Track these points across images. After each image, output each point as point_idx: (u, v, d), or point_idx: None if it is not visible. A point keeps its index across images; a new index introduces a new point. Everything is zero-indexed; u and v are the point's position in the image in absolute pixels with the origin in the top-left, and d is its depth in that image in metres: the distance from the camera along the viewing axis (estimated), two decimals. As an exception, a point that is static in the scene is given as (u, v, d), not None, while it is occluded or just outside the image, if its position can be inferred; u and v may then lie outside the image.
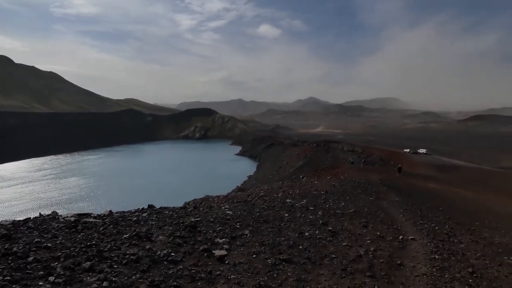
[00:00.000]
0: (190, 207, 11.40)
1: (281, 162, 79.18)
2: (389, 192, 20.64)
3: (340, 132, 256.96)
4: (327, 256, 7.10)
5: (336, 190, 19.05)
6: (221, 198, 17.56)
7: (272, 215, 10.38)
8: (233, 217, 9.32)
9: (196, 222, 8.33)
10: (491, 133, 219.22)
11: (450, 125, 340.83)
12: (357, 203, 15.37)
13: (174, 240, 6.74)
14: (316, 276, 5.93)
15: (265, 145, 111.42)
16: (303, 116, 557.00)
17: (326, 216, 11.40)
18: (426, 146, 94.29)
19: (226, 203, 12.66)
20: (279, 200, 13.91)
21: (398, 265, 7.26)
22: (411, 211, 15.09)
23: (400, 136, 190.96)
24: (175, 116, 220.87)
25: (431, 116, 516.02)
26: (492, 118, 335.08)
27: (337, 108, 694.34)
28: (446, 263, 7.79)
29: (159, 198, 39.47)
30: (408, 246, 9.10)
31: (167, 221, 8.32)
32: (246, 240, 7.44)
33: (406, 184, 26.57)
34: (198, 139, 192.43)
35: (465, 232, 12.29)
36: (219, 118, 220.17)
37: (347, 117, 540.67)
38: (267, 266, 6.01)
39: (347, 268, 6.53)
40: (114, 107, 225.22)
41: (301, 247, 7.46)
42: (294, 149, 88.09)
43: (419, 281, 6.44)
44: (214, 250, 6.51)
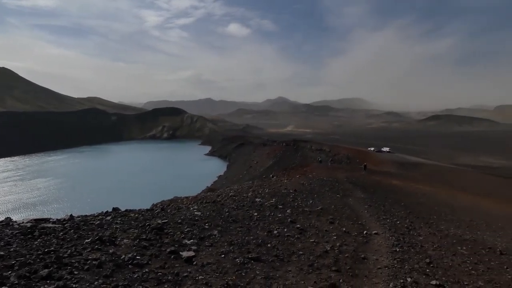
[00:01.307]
0: (157, 209, 11.11)
1: (251, 161, 79.52)
2: (355, 189, 21.43)
3: (309, 131, 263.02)
4: (295, 253, 7.23)
5: (305, 189, 19.46)
6: (190, 199, 17.29)
7: (242, 214, 10.40)
8: (201, 217, 9.21)
9: (163, 224, 8.14)
10: (447, 132, 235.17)
11: (410, 124, 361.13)
12: (324, 200, 15.80)
13: (139, 243, 6.53)
14: (284, 273, 6.02)
15: (235, 145, 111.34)
16: (273, 116, 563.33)
17: (294, 214, 11.61)
18: (389, 144, 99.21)
19: (195, 204, 12.48)
20: (249, 199, 13.96)
21: (362, 259, 7.57)
22: (375, 207, 15.79)
23: (365, 135, 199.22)
24: (141, 115, 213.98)
25: (393, 116, 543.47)
26: (448, 118, 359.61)
27: (305, 108, 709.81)
28: (406, 255, 8.24)
29: (125, 200, 38.08)
30: (372, 240, 9.51)
31: (132, 224, 8.04)
32: (214, 240, 7.39)
33: (371, 181, 27.71)
34: (166, 139, 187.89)
35: (423, 225, 13.06)
36: (188, 117, 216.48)
37: (315, 116, 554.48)
38: (236, 265, 6.01)
39: (314, 263, 6.70)
40: (76, 106, 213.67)
41: (270, 245, 7.55)
42: (264, 148, 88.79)
43: (381, 273, 6.75)
44: (182, 251, 6.39)
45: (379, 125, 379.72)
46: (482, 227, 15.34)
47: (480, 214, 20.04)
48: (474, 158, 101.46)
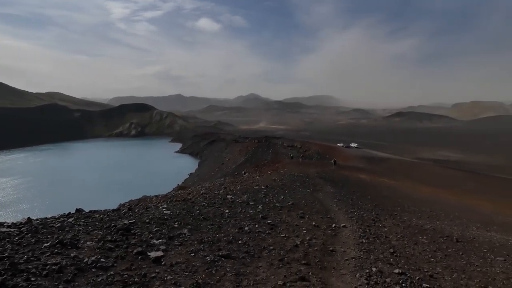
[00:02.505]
0: (124, 209, 10.71)
1: (223, 158, 79.10)
2: (325, 184, 21.99)
3: (281, 128, 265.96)
4: (265, 249, 7.28)
5: (276, 184, 19.67)
6: (160, 198, 16.86)
7: (212, 212, 10.30)
8: (171, 216, 9.00)
9: (130, 224, 7.86)
10: (410, 128, 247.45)
11: (376, 121, 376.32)
12: (295, 196, 16.06)
13: (104, 245, 6.25)
14: (254, 268, 6.04)
15: (207, 142, 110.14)
16: (245, 113, 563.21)
17: (266, 210, 11.69)
18: (357, 140, 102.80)
19: (164, 203, 12.18)
20: (220, 196, 13.86)
21: (330, 251, 7.77)
22: (344, 201, 16.30)
23: (334, 132, 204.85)
24: (107, 112, 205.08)
25: (360, 113, 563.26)
26: (410, 115, 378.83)
27: (277, 104, 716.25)
28: (372, 246, 8.58)
29: (91, 201, 36.42)
30: (340, 233, 9.80)
31: (96, 225, 7.69)
32: (184, 239, 7.25)
33: (340, 176, 28.55)
34: (134, 136, 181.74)
35: (388, 217, 13.67)
36: (157, 114, 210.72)
37: (286, 113, 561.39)
38: (206, 263, 5.93)
39: (284, 258, 6.78)
40: (34, 102, 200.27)
41: (241, 241, 7.53)
42: (236, 145, 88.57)
43: (349, 264, 6.98)
44: (150, 252, 6.20)
45: (348, 121, 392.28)
46: (441, 217, 16.35)
47: (439, 205, 21.33)
48: (434, 153, 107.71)
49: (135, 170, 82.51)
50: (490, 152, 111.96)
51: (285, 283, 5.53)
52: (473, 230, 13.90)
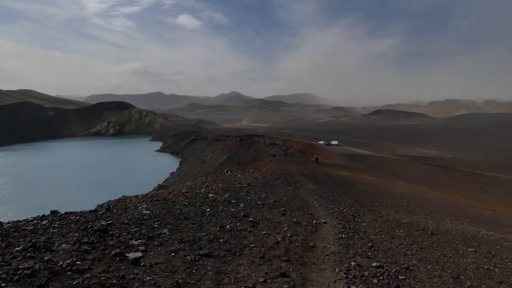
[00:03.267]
0: (102, 209, 10.41)
1: (205, 157, 78.50)
2: (306, 181, 22.24)
3: (262, 126, 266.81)
4: (247, 246, 7.28)
5: (258, 182, 19.70)
6: (140, 198, 16.51)
7: (194, 211, 10.19)
8: (151, 216, 8.84)
9: (108, 225, 7.65)
10: (388, 126, 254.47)
11: (356, 119, 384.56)
12: (277, 193, 16.15)
13: (80, 247, 6.05)
14: (235, 266, 6.03)
15: (188, 140, 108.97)
16: (226, 111, 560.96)
17: (247, 207, 11.69)
18: (338, 138, 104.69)
19: (144, 203, 11.94)
20: (202, 195, 13.73)
21: (311, 247, 7.88)
22: (324, 197, 16.54)
23: (315, 129, 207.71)
24: (83, 110, 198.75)
25: (341, 111, 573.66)
26: (389, 113, 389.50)
27: (258, 102, 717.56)
28: (351, 240, 8.76)
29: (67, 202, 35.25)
30: (321, 229, 9.95)
31: (72, 227, 7.44)
32: (164, 239, 7.14)
33: (321, 173, 28.95)
34: (113, 135, 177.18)
35: (367, 212, 14.00)
36: (136, 112, 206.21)
37: (268, 111, 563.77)
38: (186, 263, 5.87)
39: (265, 255, 6.81)
40: (4, 100, 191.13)
41: (222, 240, 7.50)
42: (218, 143, 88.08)
43: (328, 259, 7.10)
44: (128, 253, 6.07)
45: (328, 119, 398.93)
46: (417, 211, 16.93)
47: (416, 200, 22.08)
48: (411, 149, 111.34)
49: (114, 169, 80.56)
50: (463, 148, 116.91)
51: (266, 280, 5.56)
52: (447, 223, 14.49)
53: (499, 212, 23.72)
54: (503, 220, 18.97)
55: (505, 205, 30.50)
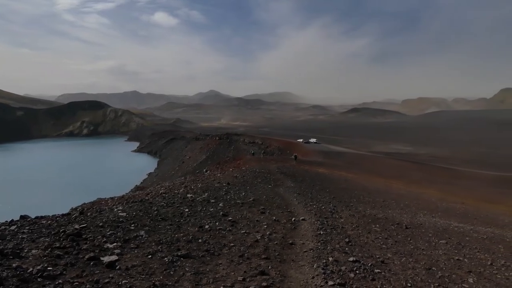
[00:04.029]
0: (75, 213, 10.05)
1: (184, 157, 77.52)
2: (286, 179, 22.42)
3: (242, 124, 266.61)
4: (226, 246, 7.25)
5: (238, 181, 19.67)
6: (116, 200, 16.05)
7: (172, 212, 10.03)
8: (127, 218, 8.61)
9: (82, 229, 7.39)
10: (365, 123, 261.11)
11: (334, 117, 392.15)
12: (256, 192, 16.19)
13: (51, 252, 5.80)
14: (214, 266, 5.99)
15: (166, 140, 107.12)
16: (205, 110, 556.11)
17: (227, 207, 11.65)
18: (316, 136, 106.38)
19: (119, 205, 11.62)
20: (180, 196, 13.54)
21: (290, 244, 7.95)
22: (303, 195, 16.73)
23: (294, 128, 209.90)
24: (55, 109, 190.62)
25: (319, 109, 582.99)
26: (365, 111, 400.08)
27: (237, 101, 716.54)
28: (329, 237, 8.92)
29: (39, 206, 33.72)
30: (299, 226, 10.06)
31: (43, 232, 7.12)
32: (141, 241, 6.97)
33: (300, 171, 29.29)
34: (87, 135, 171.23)
35: (345, 208, 14.29)
36: (111, 111, 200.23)
37: (247, 110, 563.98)
38: (164, 264, 5.76)
39: (245, 254, 6.81)
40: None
41: (201, 240, 7.43)
42: (197, 143, 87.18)
43: (307, 255, 7.19)
44: (103, 256, 5.88)
45: (307, 117, 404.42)
46: (392, 206, 17.48)
47: (391, 195, 22.78)
48: (387, 146, 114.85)
49: (89, 171, 77.88)
50: (435, 144, 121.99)
51: (245, 278, 5.55)
52: (420, 217, 15.05)
53: (469, 205, 24.91)
54: (472, 212, 19.94)
55: (474, 198, 32.11)
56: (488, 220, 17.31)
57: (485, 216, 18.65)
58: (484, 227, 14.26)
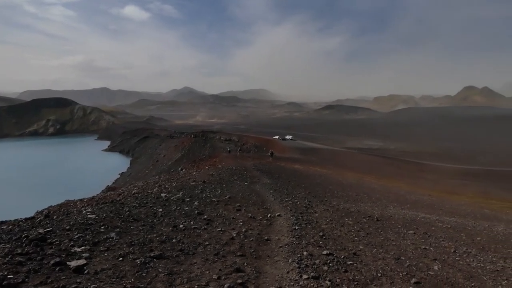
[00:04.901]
0: (40, 216, 9.52)
1: (158, 155, 75.87)
2: (262, 176, 22.52)
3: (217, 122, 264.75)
4: (201, 244, 7.16)
5: (214, 179, 19.51)
6: (85, 202, 15.39)
7: (144, 212, 9.76)
8: (96, 220, 8.27)
9: (47, 233, 7.00)
10: (338, 120, 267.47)
11: (309, 113, 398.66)
12: (232, 189, 16.13)
13: (13, 259, 5.45)
14: (188, 266, 5.89)
15: (139, 138, 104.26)
16: (179, 107, 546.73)
17: (202, 205, 11.51)
18: (292, 132, 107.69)
19: (89, 207, 11.15)
20: (153, 195, 13.21)
21: (265, 241, 7.98)
22: (279, 191, 16.87)
23: (270, 125, 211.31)
24: (17, 107, 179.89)
25: (294, 106, 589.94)
26: (339, 108, 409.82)
27: (213, 98, 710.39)
28: (304, 231, 9.05)
29: (1, 210, 31.73)
30: (275, 222, 10.13)
31: (3, 238, 6.68)
32: (111, 243, 6.72)
33: (276, 167, 29.54)
34: (53, 135, 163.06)
35: (319, 203, 14.56)
36: (79, 109, 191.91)
37: (223, 107, 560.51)
38: (136, 266, 5.58)
39: (220, 252, 6.76)
40: None
41: (175, 240, 7.28)
42: (171, 141, 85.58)
43: (282, 251, 7.26)
44: (70, 261, 5.61)
45: (282, 114, 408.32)
46: (365, 200, 18.05)
47: (364, 189, 23.53)
48: (360, 142, 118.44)
49: (56, 172, 74.22)
50: (404, 140, 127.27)
51: (220, 276, 5.50)
52: (390, 209, 15.64)
53: (435, 196, 26.26)
54: (438, 203, 21.02)
55: (439, 190, 33.90)
56: (452, 210, 18.33)
57: (449, 207, 19.74)
58: (448, 217, 15.07)
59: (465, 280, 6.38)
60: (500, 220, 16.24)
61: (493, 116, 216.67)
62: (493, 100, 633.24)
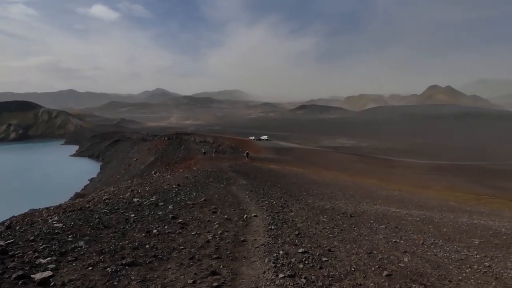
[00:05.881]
0: (1, 227, 8.91)
1: (130, 159, 73.69)
2: (238, 177, 22.43)
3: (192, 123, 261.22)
4: (175, 249, 7.00)
5: (189, 182, 19.20)
6: (52, 210, 14.60)
7: (116, 218, 9.41)
8: (63, 229, 7.87)
9: (8, 245, 6.57)
10: (312, 119, 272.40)
11: (283, 114, 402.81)
12: (208, 191, 15.94)
13: (-31, 275, 5.07)
14: (162, 271, 5.74)
15: (110, 142, 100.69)
16: (152, 109, 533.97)
17: (176, 209, 11.28)
18: (267, 133, 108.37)
19: (55, 215, 10.60)
20: (125, 200, 12.77)
21: (242, 242, 7.95)
22: (256, 192, 16.86)
23: (246, 125, 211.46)
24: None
25: (269, 106, 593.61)
26: (312, 108, 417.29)
27: (187, 100, 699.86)
28: (280, 231, 9.10)
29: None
30: (251, 223, 10.11)
31: (-41, 253, 6.19)
32: (80, 252, 6.41)
33: (252, 168, 29.56)
34: (15, 140, 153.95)
35: (295, 202, 14.71)
36: (44, 112, 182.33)
37: (197, 108, 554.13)
38: (106, 275, 5.36)
39: (195, 255, 6.64)
40: None
41: (148, 246, 7.07)
42: (144, 144, 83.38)
43: (258, 251, 7.25)
44: (34, 274, 5.29)
45: (258, 115, 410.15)
46: (339, 197, 18.46)
47: (338, 187, 24.07)
48: (333, 140, 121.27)
49: (20, 180, 69.94)
50: (375, 137, 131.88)
51: (195, 280, 5.41)
52: (363, 205, 16.10)
53: (405, 191, 27.36)
54: (408, 198, 21.93)
55: (409, 185, 35.36)
56: (420, 204, 19.18)
57: (418, 201, 20.65)
58: (417, 210, 15.76)
59: (432, 270, 6.68)
60: (464, 211, 17.20)
61: (455, 113, 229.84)
62: (455, 98, 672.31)
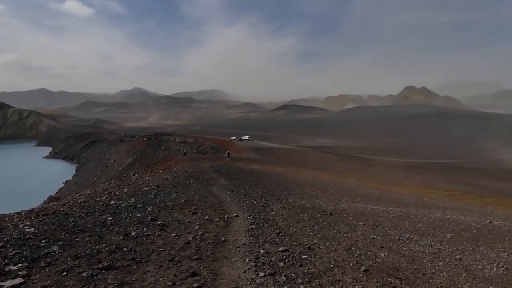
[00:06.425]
0: (-34, 234, 8.43)
1: (107, 160, 71.68)
2: (219, 177, 22.29)
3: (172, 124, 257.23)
4: (154, 251, 6.87)
5: (169, 183, 18.90)
6: (23, 215, 13.97)
7: (92, 221, 9.12)
8: (36, 234, 7.54)
9: (-26, 253, 6.23)
10: (292, 119, 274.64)
11: (264, 114, 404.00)
12: (189, 192, 15.75)
13: None
14: (141, 274, 5.62)
15: (85, 143, 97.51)
16: (129, 109, 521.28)
17: (156, 211, 11.08)
18: (248, 133, 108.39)
19: (27, 220, 10.14)
20: (102, 203, 12.40)
21: (222, 242, 7.91)
22: (237, 192, 16.82)
23: (227, 125, 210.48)
24: None
25: (250, 106, 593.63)
26: (293, 108, 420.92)
27: (166, 99, 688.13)
28: (261, 230, 9.14)
29: None
30: (232, 223, 10.08)
31: None
32: (54, 258, 6.17)
33: (234, 168, 29.45)
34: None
35: (276, 201, 14.80)
36: (14, 113, 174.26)
37: (177, 108, 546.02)
38: (82, 280, 5.19)
39: (175, 257, 6.55)
40: None
41: (126, 249, 6.90)
42: (122, 145, 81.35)
43: (239, 251, 7.25)
44: (4, 281, 5.05)
45: (238, 115, 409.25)
46: (319, 196, 18.72)
47: (318, 185, 24.40)
48: (313, 140, 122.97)
49: (-12, 184, 66.37)
50: (354, 137, 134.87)
51: (175, 282, 5.34)
52: (342, 203, 16.42)
53: (382, 189, 28.12)
54: (385, 195, 22.54)
55: (386, 182, 36.39)
56: (397, 201, 19.79)
57: (395, 198, 21.28)
58: (394, 207, 16.25)
59: (407, 264, 6.92)
60: (438, 207, 17.89)
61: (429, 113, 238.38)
62: (430, 98, 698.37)
